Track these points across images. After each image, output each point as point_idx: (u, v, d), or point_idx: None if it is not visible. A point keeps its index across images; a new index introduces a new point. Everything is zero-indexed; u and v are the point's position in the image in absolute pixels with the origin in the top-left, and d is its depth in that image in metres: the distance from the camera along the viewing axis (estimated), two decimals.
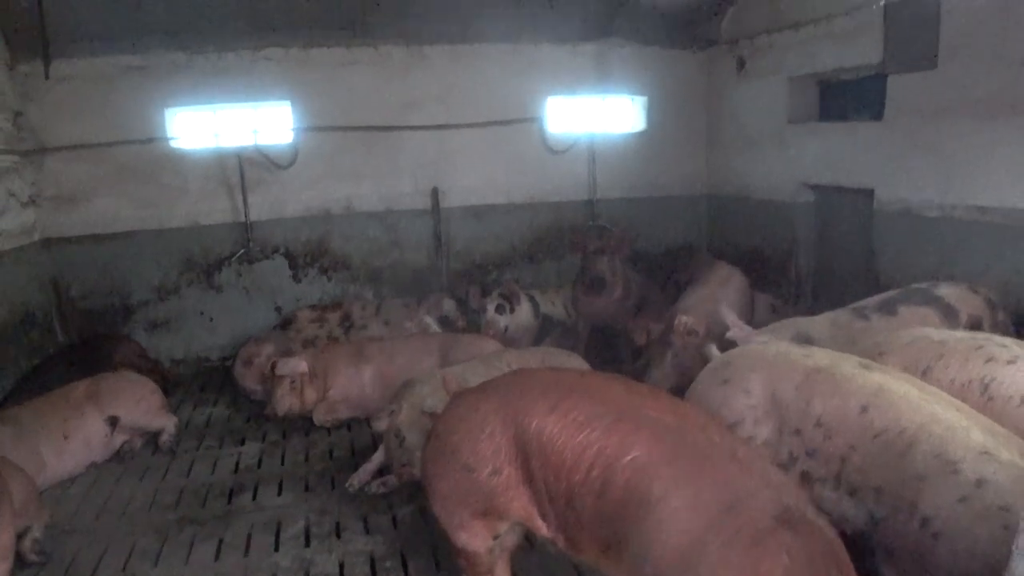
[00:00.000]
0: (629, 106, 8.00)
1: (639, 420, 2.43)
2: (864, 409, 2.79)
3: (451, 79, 7.46)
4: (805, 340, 3.98)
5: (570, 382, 2.74)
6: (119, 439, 5.26)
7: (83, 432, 5.02)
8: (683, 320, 4.90)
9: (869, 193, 5.83)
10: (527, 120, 7.67)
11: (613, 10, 7.36)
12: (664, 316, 5.46)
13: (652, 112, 7.95)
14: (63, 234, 6.87)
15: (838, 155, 6.18)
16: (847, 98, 6.37)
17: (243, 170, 7.15)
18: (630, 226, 7.85)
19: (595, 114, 7.87)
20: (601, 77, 7.73)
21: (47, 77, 6.43)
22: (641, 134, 7.99)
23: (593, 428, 2.46)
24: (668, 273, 7.68)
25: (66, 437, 4.93)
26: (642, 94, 7.91)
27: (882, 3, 5.45)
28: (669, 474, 2.25)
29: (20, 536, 3.82)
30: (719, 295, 5.46)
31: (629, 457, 2.34)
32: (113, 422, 5.16)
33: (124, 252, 7.04)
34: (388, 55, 7.32)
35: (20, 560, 3.83)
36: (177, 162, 7.10)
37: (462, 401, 2.93)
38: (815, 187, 6.68)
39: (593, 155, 7.83)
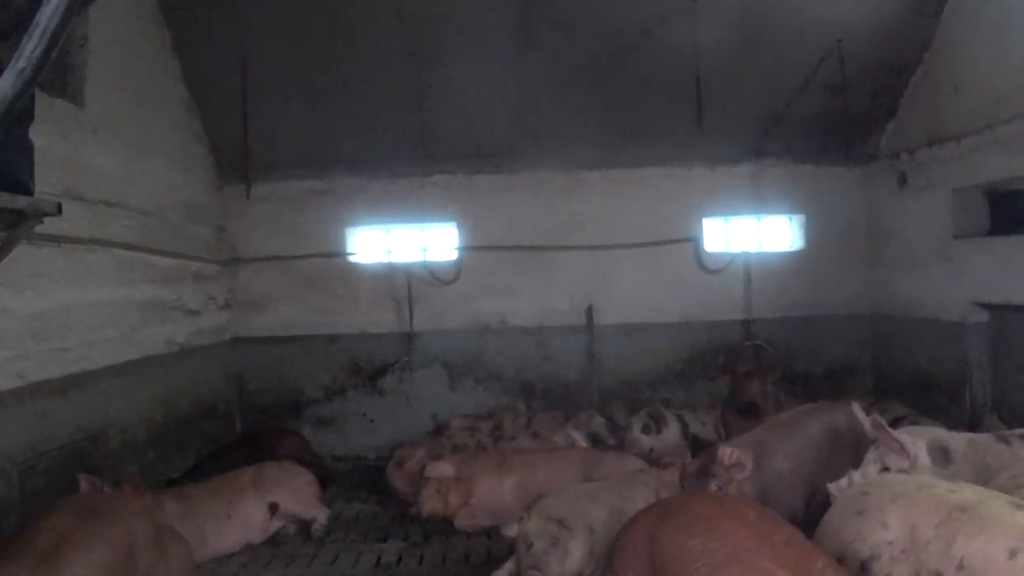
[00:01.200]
0: (785, 225, 7.97)
1: (748, 567, 2.40)
2: (1013, 554, 2.53)
3: (607, 201, 7.78)
4: (941, 451, 3.72)
5: (707, 512, 2.78)
6: (276, 524, 5.59)
7: (244, 514, 5.38)
8: (728, 451, 4.53)
9: None
10: (682, 240, 7.81)
11: (765, 131, 7.50)
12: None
13: (809, 230, 7.89)
14: (249, 335, 7.66)
15: (1014, 271, 5.81)
16: (1019, 209, 6.04)
17: (411, 284, 7.68)
18: (788, 346, 7.65)
19: (751, 233, 7.89)
20: (756, 197, 7.81)
21: (247, 197, 7.36)
22: (799, 252, 7.92)
23: (703, 563, 2.49)
24: (831, 396, 7.33)
25: (229, 517, 5.30)
26: (798, 212, 7.89)
27: None
28: None
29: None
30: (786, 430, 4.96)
31: None
32: (273, 508, 5.51)
33: (299, 354, 7.72)
34: (546, 180, 7.79)
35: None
36: (352, 275, 7.80)
37: (635, 515, 3.13)
38: (988, 306, 6.28)
39: (749, 274, 7.78)
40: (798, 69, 6.94)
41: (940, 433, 4.04)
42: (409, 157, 7.52)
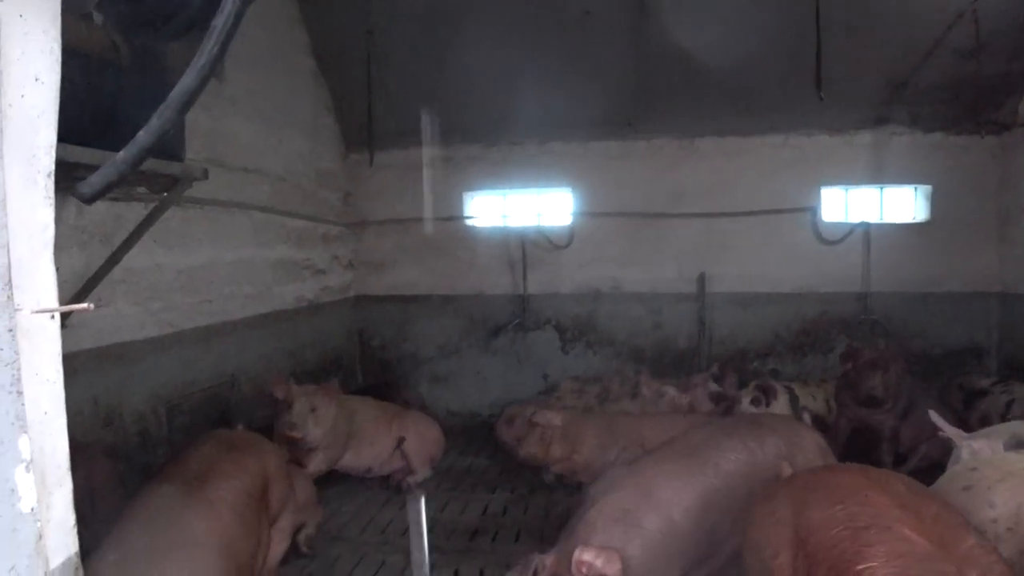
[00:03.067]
0: (909, 196, 7.68)
1: (888, 532, 2.39)
2: None
3: (720, 170, 7.72)
4: (1018, 445, 3.63)
5: (852, 481, 2.79)
6: (395, 462, 6.03)
7: (380, 441, 5.94)
8: (585, 561, 4.01)
9: None
10: (798, 210, 7.65)
11: (889, 98, 7.21)
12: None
13: (935, 202, 7.55)
14: (371, 293, 8.13)
15: None
16: None
17: (525, 248, 7.93)
18: (906, 323, 7.45)
19: (872, 204, 7.65)
20: (878, 166, 7.54)
21: (371, 165, 7.77)
22: (923, 225, 7.60)
23: (845, 527, 2.49)
24: (947, 378, 7.09)
25: (371, 443, 5.92)
26: (924, 183, 7.57)
27: None
28: None
29: (297, 530, 4.58)
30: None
31: (861, 567, 2.31)
32: (400, 441, 6.00)
33: (418, 313, 8.15)
34: (660, 148, 7.81)
35: (294, 550, 4.56)
36: (470, 239, 8.11)
37: (770, 488, 3.16)
38: None
39: (868, 246, 7.54)
40: (927, 32, 6.59)
41: (1018, 426, 3.93)
42: (526, 124, 7.69)
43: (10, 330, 1.00)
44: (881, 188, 7.70)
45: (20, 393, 1.03)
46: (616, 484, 3.60)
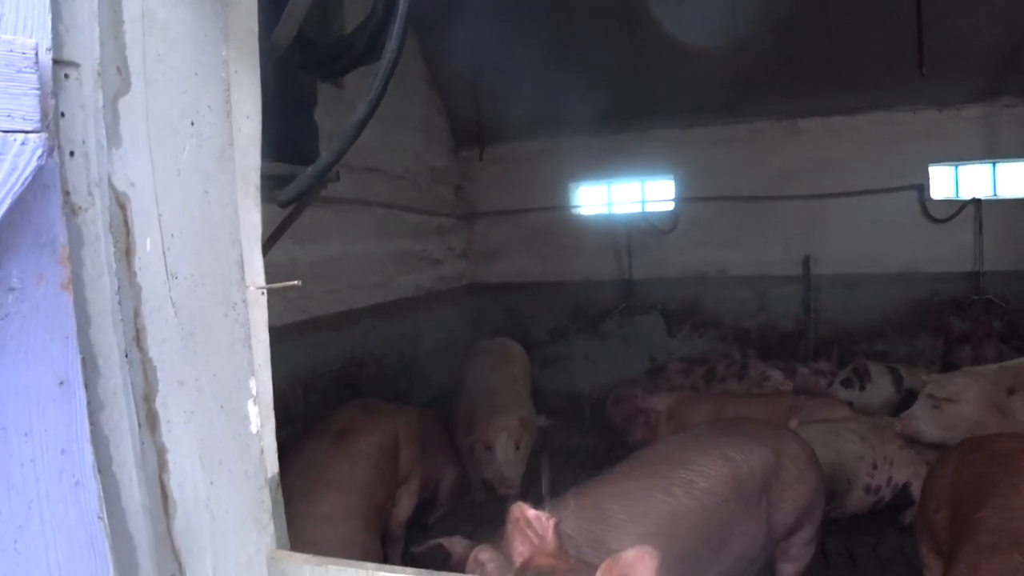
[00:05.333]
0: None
1: (1013, 491, 2.54)
2: None
3: (823, 150, 7.70)
4: None
5: (1007, 446, 2.94)
6: None
7: None
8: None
9: None
10: (905, 188, 7.56)
11: (1001, 68, 6.98)
12: None
13: None
14: (484, 281, 8.56)
15: None
16: None
17: (630, 235, 8.18)
18: (1022, 302, 7.27)
19: (983, 180, 7.50)
20: (989, 141, 7.34)
21: (481, 159, 8.20)
22: None
23: (985, 483, 2.68)
24: None
25: None
26: None
27: None
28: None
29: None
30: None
31: (979, 514, 2.51)
32: None
33: (528, 299, 8.53)
34: (762, 130, 7.88)
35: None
36: (576, 227, 8.43)
37: (947, 452, 3.41)
38: None
39: (980, 224, 7.39)
40: None
41: None
42: (628, 114, 7.91)
43: (243, 301, 1.41)
44: (993, 164, 7.53)
45: (249, 347, 1.43)
46: (558, 506, 2.86)
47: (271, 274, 4.70)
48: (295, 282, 1.60)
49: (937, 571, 2.88)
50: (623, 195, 8.52)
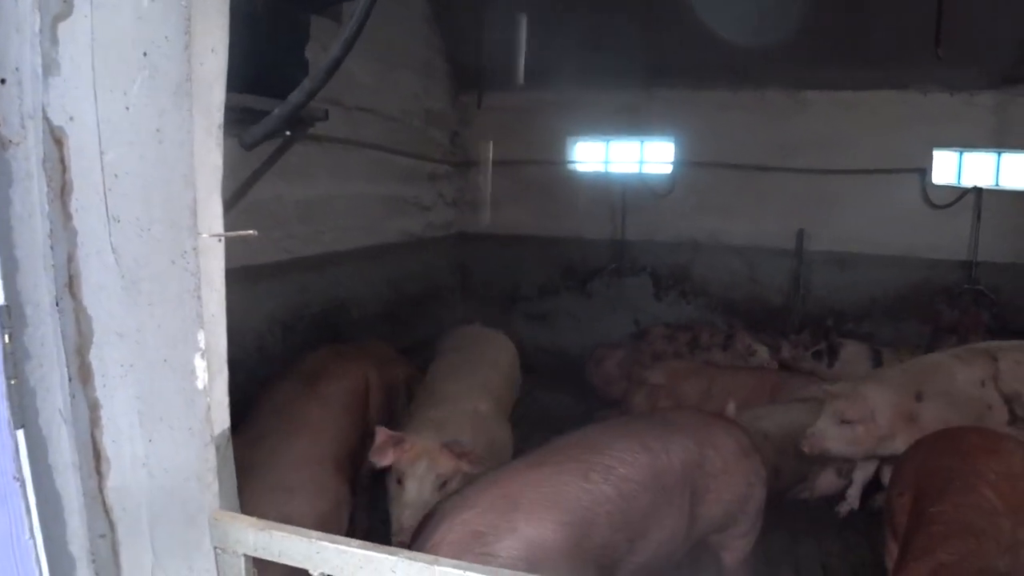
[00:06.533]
0: None
1: (969, 489, 2.60)
2: None
3: (830, 124, 7.55)
4: None
5: (971, 440, 3.01)
6: None
7: None
8: None
9: None
10: (907, 171, 7.44)
11: (1017, 56, 6.82)
12: None
13: None
14: (474, 231, 8.48)
15: None
16: None
17: (625, 195, 8.06)
18: (1017, 295, 7.19)
19: (987, 169, 7.39)
20: (998, 129, 7.21)
21: (479, 107, 8.02)
22: None
23: (940, 478, 2.73)
24: None
25: None
26: None
27: None
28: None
29: None
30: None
31: (934, 509, 2.57)
32: None
33: (519, 253, 8.43)
34: (769, 99, 7.70)
35: None
36: (571, 183, 8.29)
37: (920, 440, 3.42)
38: None
39: (979, 213, 7.30)
40: None
41: None
42: (633, 71, 7.70)
43: (194, 249, 1.31)
44: (999, 153, 7.41)
45: (199, 297, 1.34)
46: (469, 500, 2.78)
47: (254, 211, 4.59)
48: (250, 231, 1.50)
49: (894, 553, 2.93)
50: (621, 154, 8.37)
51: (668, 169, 8.10)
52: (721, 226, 8.00)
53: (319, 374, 4.14)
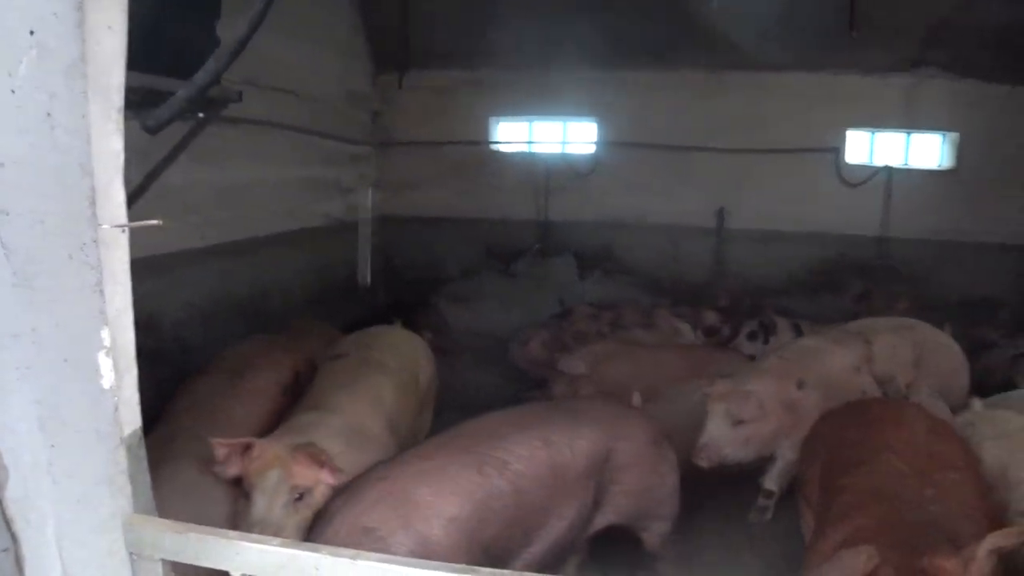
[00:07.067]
0: (937, 143, 7.66)
1: (876, 457, 2.74)
2: None
3: (750, 105, 7.69)
4: None
5: (874, 412, 3.21)
6: None
7: None
8: None
9: None
10: (823, 150, 7.66)
11: (928, 41, 7.07)
12: None
13: (964, 151, 7.49)
14: (397, 213, 8.35)
15: None
16: None
17: (549, 176, 8.06)
18: (925, 270, 7.47)
19: (897, 148, 7.65)
20: (907, 111, 7.48)
21: (400, 87, 7.90)
22: (948, 173, 7.59)
23: (847, 448, 2.89)
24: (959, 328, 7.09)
25: None
26: (953, 130, 7.53)
27: None
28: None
29: None
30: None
31: (843, 480, 2.70)
32: None
33: (442, 234, 8.36)
34: (691, 80, 7.78)
35: None
36: (494, 164, 8.27)
37: (833, 409, 3.59)
38: None
39: (890, 191, 7.58)
40: None
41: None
42: (556, 51, 7.67)
43: (94, 241, 1.23)
44: (908, 133, 7.68)
45: (101, 292, 1.26)
46: (359, 495, 2.64)
47: (167, 198, 4.40)
48: (155, 221, 1.42)
49: (810, 522, 3.05)
50: (544, 134, 8.36)
51: (591, 149, 8.14)
52: (644, 205, 8.08)
53: (244, 367, 3.94)
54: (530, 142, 8.32)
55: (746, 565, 3.94)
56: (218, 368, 3.98)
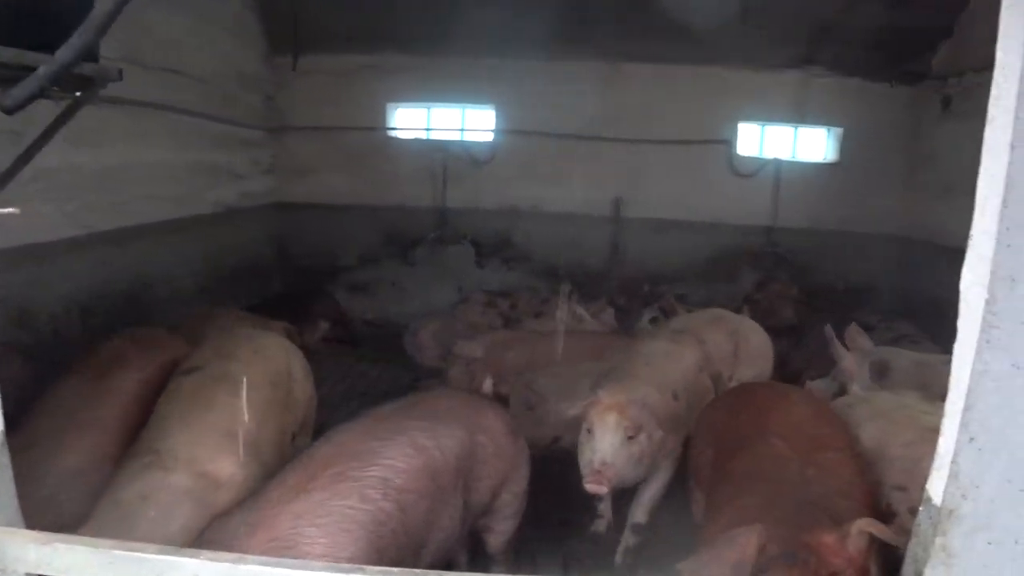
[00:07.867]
0: (822, 137, 8.01)
1: (761, 440, 2.83)
2: None
3: (646, 96, 7.84)
4: (880, 368, 4.06)
5: (763, 395, 3.35)
6: None
7: None
8: None
9: None
10: (716, 142, 7.91)
11: (816, 38, 7.37)
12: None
13: (846, 145, 7.87)
14: (291, 200, 8.12)
15: None
16: None
17: (447, 163, 7.98)
18: (811, 258, 7.86)
19: (785, 141, 7.96)
20: (797, 105, 7.80)
21: (294, 69, 7.66)
22: (833, 166, 7.96)
23: (740, 432, 2.99)
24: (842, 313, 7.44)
25: None
26: (838, 125, 7.89)
27: None
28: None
29: None
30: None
31: (732, 464, 2.82)
32: None
33: (339, 222, 8.18)
34: (588, 70, 7.84)
35: None
36: (392, 150, 8.12)
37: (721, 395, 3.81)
38: None
39: (779, 182, 7.88)
40: None
41: (889, 353, 4.35)
42: (454, 37, 7.56)
43: None
44: (796, 127, 8.01)
45: None
46: (234, 548, 2.18)
47: (41, 182, 4.07)
48: (13, 209, 1.30)
49: (702, 504, 3.14)
50: (442, 121, 8.27)
51: (489, 137, 8.11)
52: (541, 193, 8.13)
53: (112, 364, 3.58)
54: (428, 129, 8.20)
55: None
56: (84, 366, 3.61)
